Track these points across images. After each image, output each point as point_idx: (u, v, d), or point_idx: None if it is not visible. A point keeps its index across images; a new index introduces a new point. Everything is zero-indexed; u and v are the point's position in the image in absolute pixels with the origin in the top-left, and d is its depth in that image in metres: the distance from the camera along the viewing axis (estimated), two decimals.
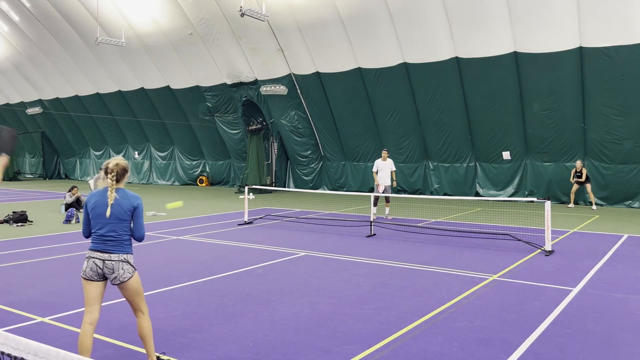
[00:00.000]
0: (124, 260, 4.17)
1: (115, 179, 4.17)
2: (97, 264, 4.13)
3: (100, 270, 4.14)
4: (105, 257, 4.12)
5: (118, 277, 4.15)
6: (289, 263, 8.62)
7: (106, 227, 4.13)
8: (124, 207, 4.15)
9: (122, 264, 4.15)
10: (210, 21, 22.00)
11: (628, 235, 11.58)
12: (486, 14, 16.75)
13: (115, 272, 4.14)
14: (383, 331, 5.26)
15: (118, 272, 4.14)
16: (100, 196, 4.19)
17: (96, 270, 4.14)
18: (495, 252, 9.49)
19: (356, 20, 18.91)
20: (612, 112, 16.72)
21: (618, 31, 15.37)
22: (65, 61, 28.99)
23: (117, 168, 4.19)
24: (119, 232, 4.16)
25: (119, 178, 4.20)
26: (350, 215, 15.11)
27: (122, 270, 4.15)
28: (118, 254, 4.15)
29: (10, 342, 2.16)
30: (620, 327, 5.44)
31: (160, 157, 30.11)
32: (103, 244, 4.13)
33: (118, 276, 4.15)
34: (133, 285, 4.22)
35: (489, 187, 19.93)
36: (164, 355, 4.57)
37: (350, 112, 21.65)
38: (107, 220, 4.12)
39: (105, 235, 4.13)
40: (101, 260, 4.12)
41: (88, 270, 4.15)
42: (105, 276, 4.18)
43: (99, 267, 4.13)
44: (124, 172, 4.23)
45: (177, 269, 8.20)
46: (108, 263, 4.12)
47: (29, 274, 7.84)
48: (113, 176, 4.14)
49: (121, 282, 4.16)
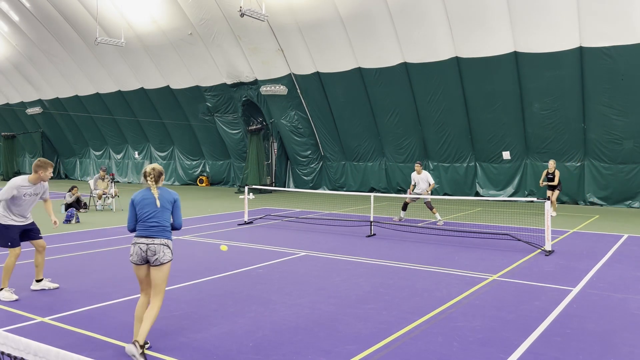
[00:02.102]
0: (164, 244, 4.79)
1: (154, 180, 4.92)
2: (141, 248, 4.75)
3: (143, 254, 4.75)
4: (149, 241, 4.75)
5: (159, 258, 4.76)
6: (289, 263, 8.62)
7: (151, 216, 4.81)
8: (167, 200, 4.92)
9: (163, 247, 4.78)
10: (210, 21, 22.00)
11: (628, 235, 11.58)
12: (486, 14, 16.75)
13: (157, 254, 4.74)
14: (383, 331, 5.26)
15: (159, 254, 4.75)
16: (145, 193, 4.91)
17: (140, 254, 4.75)
18: (495, 252, 9.49)
19: (356, 20, 18.92)
20: (612, 112, 16.72)
21: (618, 31, 15.37)
22: (65, 61, 28.99)
23: (154, 172, 4.95)
24: (161, 220, 4.84)
25: (157, 179, 4.95)
26: (350, 215, 15.11)
27: (162, 253, 4.78)
28: (160, 239, 4.78)
29: (10, 342, 2.16)
30: (620, 327, 5.44)
31: (160, 157, 30.10)
32: (147, 231, 4.78)
33: (159, 257, 4.76)
34: (166, 268, 4.83)
35: (489, 187, 19.93)
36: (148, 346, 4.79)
37: (350, 112, 21.65)
38: (152, 210, 4.82)
39: (149, 222, 4.79)
40: (145, 245, 4.74)
41: (134, 255, 4.78)
42: (148, 259, 4.77)
43: (143, 251, 4.75)
44: (159, 175, 4.99)
45: (177, 269, 8.20)
46: (151, 246, 4.74)
47: (28, 273, 7.83)
48: (152, 178, 4.91)
49: (160, 264, 4.75)
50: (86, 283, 7.23)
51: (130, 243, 4.86)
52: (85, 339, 5.04)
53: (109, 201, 17.13)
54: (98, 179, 17.28)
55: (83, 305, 6.15)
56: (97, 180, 17.26)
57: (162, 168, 5.09)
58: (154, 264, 4.75)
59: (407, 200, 13.83)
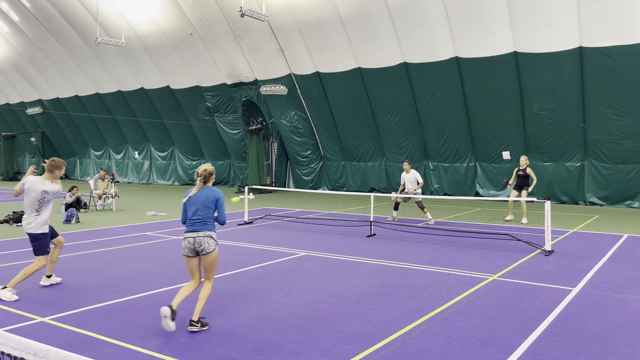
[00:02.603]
0: (208, 236, 5.40)
1: (203, 180, 5.55)
2: (189, 241, 5.38)
3: (192, 246, 5.37)
4: (194, 235, 5.37)
5: (205, 248, 5.39)
6: (289, 263, 8.62)
7: (195, 212, 5.43)
8: (210, 198, 5.49)
9: (207, 239, 5.39)
10: (210, 21, 22.00)
11: (628, 235, 11.58)
12: (486, 14, 16.74)
13: (202, 245, 5.37)
14: (383, 331, 5.26)
15: (205, 245, 5.37)
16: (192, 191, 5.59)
17: (190, 247, 5.37)
18: (495, 252, 9.49)
19: (356, 20, 18.91)
20: (612, 112, 16.72)
21: (618, 31, 15.37)
22: (65, 61, 28.99)
23: (205, 173, 5.57)
24: (204, 216, 5.44)
25: (206, 180, 5.57)
26: (350, 215, 15.11)
27: (207, 244, 5.39)
28: (204, 232, 5.39)
29: (10, 342, 2.16)
30: (620, 327, 5.44)
31: (160, 157, 30.11)
32: (193, 226, 5.41)
33: (205, 248, 5.38)
34: (213, 255, 5.46)
35: (489, 187, 19.93)
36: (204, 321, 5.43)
37: (350, 112, 21.65)
38: (195, 209, 5.44)
39: (194, 219, 5.41)
40: (192, 238, 5.37)
41: (185, 249, 5.41)
42: (197, 251, 5.38)
43: (191, 243, 5.38)
44: (209, 175, 5.60)
45: (177, 269, 8.20)
46: (197, 239, 5.36)
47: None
48: (201, 179, 5.56)
49: (207, 253, 5.39)
50: (86, 283, 7.23)
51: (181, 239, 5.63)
52: (85, 339, 5.04)
53: (109, 201, 17.14)
54: (98, 179, 17.28)
55: (83, 305, 6.15)
56: (97, 180, 17.27)
57: (213, 169, 5.69)
58: (202, 253, 5.40)
59: (397, 200, 13.82)
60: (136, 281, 7.37)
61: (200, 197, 5.48)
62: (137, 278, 7.56)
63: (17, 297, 6.44)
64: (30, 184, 6.58)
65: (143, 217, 14.94)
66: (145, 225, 13.29)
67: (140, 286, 7.06)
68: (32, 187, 6.56)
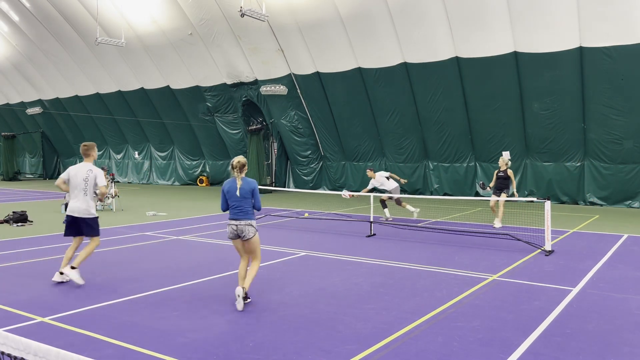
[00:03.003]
0: (248, 224, 6.11)
1: (238, 171, 6.18)
2: (232, 228, 6.15)
3: (235, 232, 6.16)
4: (236, 223, 6.13)
5: (246, 235, 6.12)
6: (289, 263, 8.62)
7: (235, 204, 6.14)
8: (247, 189, 6.15)
9: (247, 227, 6.11)
10: (210, 21, 22.00)
11: (628, 235, 11.58)
12: (486, 14, 16.75)
13: (244, 232, 6.11)
14: (383, 331, 5.26)
15: (245, 232, 6.11)
16: (232, 183, 6.21)
17: (233, 232, 6.17)
18: (495, 252, 9.49)
19: (356, 20, 18.91)
20: (612, 112, 16.72)
21: (618, 31, 15.37)
22: (65, 61, 28.99)
23: (239, 165, 6.19)
24: (244, 206, 6.14)
25: (240, 170, 6.19)
26: (350, 215, 15.11)
27: (248, 231, 6.12)
28: (245, 220, 6.11)
29: (10, 342, 2.16)
30: (620, 327, 5.44)
31: (160, 157, 30.11)
32: (235, 215, 6.14)
33: (246, 234, 6.11)
34: (254, 241, 6.21)
35: None
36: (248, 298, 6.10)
37: (350, 112, 21.65)
38: (235, 199, 6.14)
39: (235, 209, 6.14)
40: (235, 226, 6.13)
41: (230, 233, 6.22)
42: (239, 235, 6.14)
43: (234, 230, 6.14)
44: (243, 166, 6.22)
45: (177, 268, 8.21)
46: (239, 226, 6.11)
47: (29, 273, 7.84)
48: (237, 170, 6.17)
49: (247, 239, 6.14)
50: (86, 283, 7.23)
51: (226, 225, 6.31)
52: (85, 339, 5.03)
53: (109, 201, 17.14)
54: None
55: (83, 305, 6.15)
56: None
57: (245, 160, 6.33)
58: (243, 239, 6.15)
59: (382, 198, 13.97)
60: (136, 281, 7.37)
61: (241, 188, 6.12)
62: (137, 278, 7.56)
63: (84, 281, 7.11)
64: (74, 170, 7.22)
65: (143, 217, 14.94)
66: (145, 225, 13.29)
67: (140, 286, 7.06)
68: (78, 171, 7.21)
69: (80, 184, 7.11)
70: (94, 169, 7.22)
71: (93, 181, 7.16)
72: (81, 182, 7.10)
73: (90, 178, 7.14)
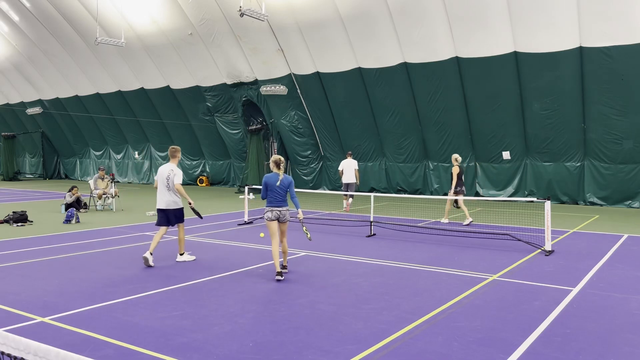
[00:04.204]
0: (287, 210, 7.70)
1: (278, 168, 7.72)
2: (274, 212, 7.61)
3: (277, 215, 7.63)
4: (279, 208, 7.63)
5: (285, 218, 7.70)
6: (289, 263, 8.62)
7: (277, 192, 7.63)
8: (285, 184, 7.67)
9: (287, 212, 7.71)
10: (210, 21, 21.99)
11: (628, 235, 11.58)
12: (486, 14, 16.74)
13: (285, 216, 7.70)
14: (383, 331, 5.26)
15: (284, 216, 7.70)
16: (273, 177, 7.68)
17: (273, 215, 7.61)
18: (495, 252, 9.49)
19: (356, 20, 18.91)
20: (612, 112, 16.72)
21: (618, 31, 15.37)
22: (65, 61, 28.98)
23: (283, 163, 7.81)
24: (284, 196, 7.70)
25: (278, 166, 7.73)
26: (350, 215, 15.11)
27: (286, 215, 7.72)
28: (285, 207, 7.70)
29: (10, 342, 2.16)
30: (620, 327, 5.44)
31: (160, 157, 30.09)
32: (277, 202, 7.63)
33: (285, 218, 7.70)
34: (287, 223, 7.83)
35: (489, 187, 19.93)
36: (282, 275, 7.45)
37: (350, 112, 21.65)
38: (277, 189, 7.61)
39: (278, 198, 7.63)
40: (278, 210, 7.62)
41: (271, 216, 7.63)
42: (279, 218, 7.65)
43: (276, 213, 7.61)
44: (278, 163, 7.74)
45: (177, 268, 8.21)
46: (281, 211, 7.65)
47: (29, 274, 7.84)
48: (279, 167, 7.72)
49: (285, 221, 7.73)
50: (86, 283, 7.23)
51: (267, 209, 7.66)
52: (85, 339, 5.04)
53: (109, 201, 17.14)
54: (98, 179, 17.28)
55: (83, 305, 6.15)
56: (97, 180, 17.27)
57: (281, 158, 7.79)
58: (281, 221, 7.70)
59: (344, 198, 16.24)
60: (136, 281, 7.37)
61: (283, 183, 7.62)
62: (137, 278, 7.56)
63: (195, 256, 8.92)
64: (161, 169, 8.69)
65: (143, 217, 14.94)
66: (145, 225, 13.29)
67: (140, 286, 7.06)
68: (163, 170, 8.65)
69: (163, 181, 8.58)
70: (174, 169, 8.63)
71: (173, 179, 8.54)
72: (164, 180, 8.57)
73: (171, 176, 8.55)
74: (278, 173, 7.67)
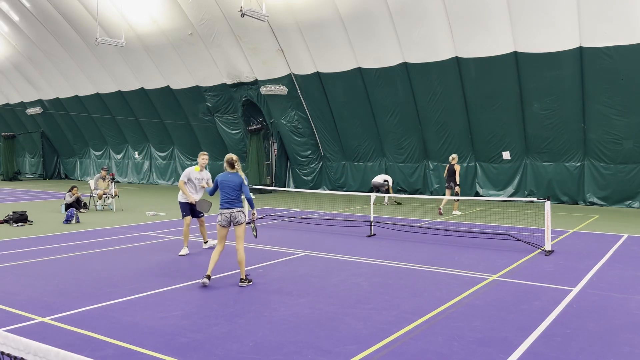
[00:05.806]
0: (239, 211, 7.15)
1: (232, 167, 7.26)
2: (224, 216, 7.12)
3: (227, 219, 7.12)
4: (229, 210, 7.12)
5: (238, 220, 7.13)
6: (289, 263, 8.62)
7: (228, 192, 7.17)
8: (236, 182, 7.19)
9: (238, 213, 7.14)
10: (210, 21, 21.99)
11: (628, 235, 11.58)
12: (486, 14, 16.74)
13: (237, 218, 7.13)
14: (383, 331, 5.26)
15: (237, 218, 7.13)
16: (226, 175, 7.27)
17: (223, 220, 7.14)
18: (495, 252, 9.49)
19: (356, 20, 18.91)
20: (612, 112, 16.72)
21: (618, 31, 15.36)
22: (65, 61, 28.97)
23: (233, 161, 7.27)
24: (235, 195, 7.19)
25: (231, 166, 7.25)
26: (350, 215, 15.11)
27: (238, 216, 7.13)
28: (237, 208, 7.16)
29: (10, 342, 2.16)
30: (620, 327, 5.44)
31: (160, 157, 30.09)
32: (227, 203, 7.14)
33: (238, 220, 7.13)
34: (243, 225, 7.22)
35: (489, 187, 19.93)
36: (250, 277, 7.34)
37: (350, 112, 21.65)
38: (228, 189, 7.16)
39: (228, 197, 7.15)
40: (228, 212, 7.11)
41: (221, 220, 7.14)
42: (231, 221, 7.13)
43: (226, 217, 7.11)
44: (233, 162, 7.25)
45: (177, 268, 8.21)
46: (232, 213, 7.12)
47: (29, 274, 7.84)
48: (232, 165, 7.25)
49: (239, 223, 7.13)
50: (86, 283, 7.23)
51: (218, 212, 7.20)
52: (85, 339, 5.04)
53: (109, 201, 17.14)
54: (99, 179, 17.29)
55: (83, 305, 6.15)
56: (98, 180, 17.27)
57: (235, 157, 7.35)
58: (234, 224, 7.14)
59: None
60: (136, 281, 7.37)
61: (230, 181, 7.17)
62: (137, 278, 7.56)
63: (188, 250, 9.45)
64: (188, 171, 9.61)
65: (143, 217, 14.94)
66: (145, 225, 13.29)
67: (140, 286, 7.06)
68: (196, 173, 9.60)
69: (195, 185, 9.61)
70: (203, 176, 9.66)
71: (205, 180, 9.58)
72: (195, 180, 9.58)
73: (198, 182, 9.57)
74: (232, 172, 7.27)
